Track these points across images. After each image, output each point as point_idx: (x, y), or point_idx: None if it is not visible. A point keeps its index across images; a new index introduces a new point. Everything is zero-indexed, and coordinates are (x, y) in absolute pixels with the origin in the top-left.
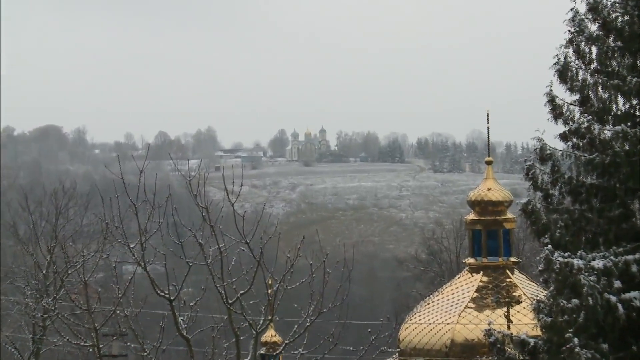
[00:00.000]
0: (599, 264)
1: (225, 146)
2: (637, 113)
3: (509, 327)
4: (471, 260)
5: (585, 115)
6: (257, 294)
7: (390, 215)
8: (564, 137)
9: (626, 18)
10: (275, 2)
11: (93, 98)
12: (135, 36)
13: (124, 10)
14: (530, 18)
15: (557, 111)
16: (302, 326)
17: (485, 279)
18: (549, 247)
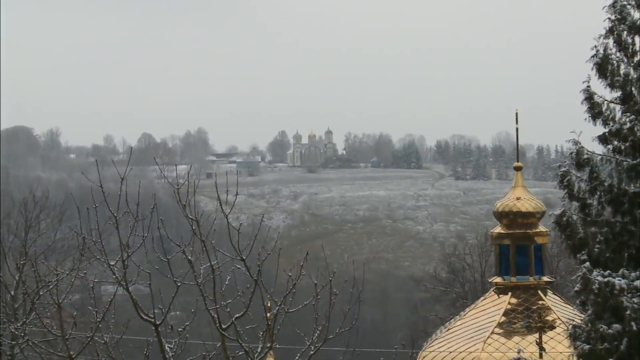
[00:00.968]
0: None
1: (218, 150)
2: None
3: (541, 356)
4: (498, 280)
5: (628, 114)
6: (255, 317)
7: (406, 228)
8: (603, 139)
9: None
10: None
11: (68, 96)
12: (117, 30)
13: (105, 3)
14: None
15: (595, 110)
16: (305, 354)
17: (514, 300)
18: (587, 264)
